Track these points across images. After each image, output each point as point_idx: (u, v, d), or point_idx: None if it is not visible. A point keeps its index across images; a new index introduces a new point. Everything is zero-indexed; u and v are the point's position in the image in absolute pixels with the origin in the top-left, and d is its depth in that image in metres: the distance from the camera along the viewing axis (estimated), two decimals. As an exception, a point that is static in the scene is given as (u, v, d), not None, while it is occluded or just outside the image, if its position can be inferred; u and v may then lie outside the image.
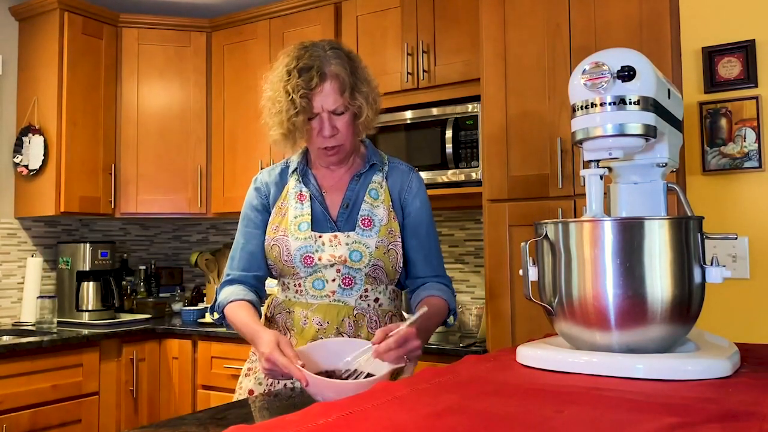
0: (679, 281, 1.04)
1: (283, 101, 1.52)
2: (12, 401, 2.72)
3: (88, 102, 3.48)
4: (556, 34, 2.42)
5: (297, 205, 1.62)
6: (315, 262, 1.56)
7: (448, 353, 2.57)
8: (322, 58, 1.53)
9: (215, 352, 3.18)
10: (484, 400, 0.87)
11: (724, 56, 2.07)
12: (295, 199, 1.63)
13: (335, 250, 1.56)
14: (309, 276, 1.58)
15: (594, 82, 1.12)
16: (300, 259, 1.56)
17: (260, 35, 3.58)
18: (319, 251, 1.56)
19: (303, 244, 1.57)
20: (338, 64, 1.53)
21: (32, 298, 3.35)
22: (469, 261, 3.26)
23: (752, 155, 2.02)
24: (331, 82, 1.52)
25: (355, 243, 1.56)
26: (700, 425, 0.72)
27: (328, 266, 1.56)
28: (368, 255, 1.56)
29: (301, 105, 1.50)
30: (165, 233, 4.33)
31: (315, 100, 1.52)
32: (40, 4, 3.42)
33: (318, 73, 1.51)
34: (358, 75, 1.57)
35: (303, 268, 1.57)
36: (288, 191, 1.66)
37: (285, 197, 1.65)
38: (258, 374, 1.64)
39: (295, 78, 1.51)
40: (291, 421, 0.77)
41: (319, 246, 1.56)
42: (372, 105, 1.59)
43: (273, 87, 1.57)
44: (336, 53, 1.56)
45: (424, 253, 1.66)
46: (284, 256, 1.58)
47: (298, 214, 1.61)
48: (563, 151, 2.37)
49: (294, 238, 1.58)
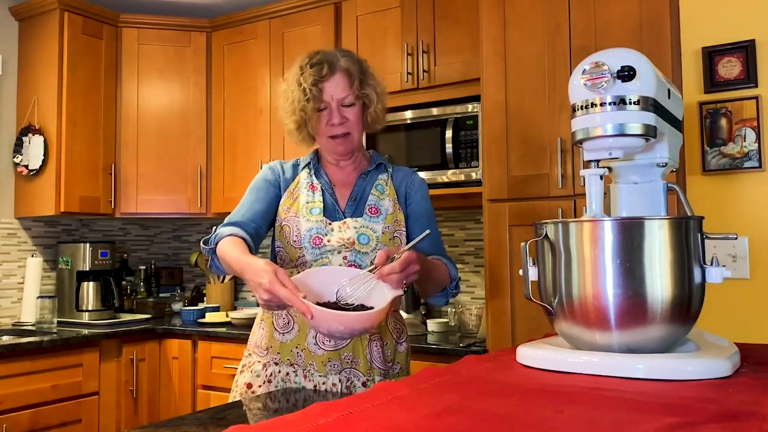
0: (679, 281, 1.04)
1: (295, 92, 1.63)
2: (12, 401, 2.72)
3: (88, 102, 3.48)
4: (556, 34, 2.42)
5: (308, 193, 1.69)
6: (324, 244, 1.60)
7: (448, 353, 2.57)
8: (333, 55, 1.66)
9: (215, 352, 3.18)
10: (484, 400, 0.87)
11: (724, 56, 2.07)
12: (306, 188, 1.70)
13: (344, 233, 1.62)
14: (315, 261, 1.61)
15: (594, 82, 1.12)
16: (309, 240, 1.61)
17: (260, 35, 3.58)
18: (329, 234, 1.61)
19: (314, 225, 1.62)
20: (348, 61, 1.66)
21: (32, 298, 3.35)
22: (469, 261, 3.26)
23: (752, 155, 2.02)
24: (340, 73, 1.63)
25: (363, 227, 1.63)
26: (700, 425, 0.72)
27: (335, 252, 1.60)
28: (375, 239, 1.62)
29: (311, 93, 1.60)
30: (165, 233, 4.33)
31: (325, 90, 1.62)
32: (40, 4, 3.42)
33: (329, 64, 1.62)
34: (366, 72, 1.69)
35: (311, 249, 1.61)
36: (300, 181, 1.73)
37: (297, 185, 1.72)
38: (254, 367, 1.66)
39: (308, 70, 1.62)
40: (291, 421, 0.77)
41: (328, 230, 1.62)
42: (381, 97, 1.70)
43: (287, 83, 1.68)
44: (346, 53, 1.69)
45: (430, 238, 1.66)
46: (293, 236, 1.63)
47: (310, 200, 1.67)
48: (563, 151, 2.37)
49: (305, 220, 1.63)
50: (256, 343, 1.70)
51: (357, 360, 1.60)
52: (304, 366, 1.61)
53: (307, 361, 1.61)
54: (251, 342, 1.73)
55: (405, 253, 1.40)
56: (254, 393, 1.62)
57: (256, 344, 1.70)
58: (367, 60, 1.75)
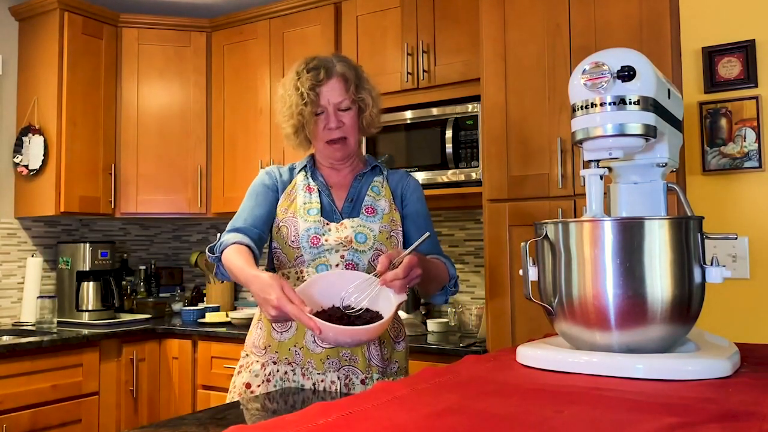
0: (679, 281, 1.04)
1: (293, 96, 1.66)
2: (12, 401, 2.72)
3: (88, 102, 3.48)
4: (556, 34, 2.42)
5: (306, 195, 1.71)
6: (321, 243, 1.62)
7: (448, 353, 2.57)
8: (329, 60, 1.70)
9: (215, 352, 3.18)
10: (484, 400, 0.87)
11: (724, 56, 2.07)
12: (303, 189, 1.72)
13: (341, 233, 1.63)
14: (313, 261, 1.62)
15: (594, 82, 1.12)
16: (307, 239, 1.62)
17: (260, 35, 3.58)
18: (326, 234, 1.63)
19: (311, 225, 1.64)
20: (344, 66, 1.69)
21: (32, 298, 3.35)
22: (469, 261, 3.26)
23: (752, 155, 2.02)
24: (337, 78, 1.67)
25: (360, 226, 1.65)
26: (700, 425, 0.72)
27: (333, 251, 1.62)
28: (372, 238, 1.64)
29: (309, 97, 1.63)
30: (165, 233, 4.33)
31: (322, 94, 1.65)
32: (40, 4, 3.42)
33: (325, 69, 1.66)
34: (361, 77, 1.73)
35: (308, 249, 1.62)
36: (296, 183, 1.75)
37: (293, 187, 1.74)
38: (252, 367, 1.66)
39: (305, 75, 1.66)
40: (291, 421, 0.77)
41: (326, 230, 1.64)
42: (375, 101, 1.74)
43: (284, 87, 1.71)
44: (341, 59, 1.73)
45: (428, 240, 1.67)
46: (291, 236, 1.64)
47: (307, 201, 1.69)
48: (563, 151, 2.37)
49: (303, 220, 1.65)
50: (254, 343, 1.71)
51: (355, 358, 1.61)
52: (303, 364, 1.62)
53: (305, 359, 1.61)
54: (248, 342, 1.74)
55: (407, 257, 1.41)
56: (253, 393, 1.63)
57: (253, 344, 1.71)
58: (367, 60, 1.78)
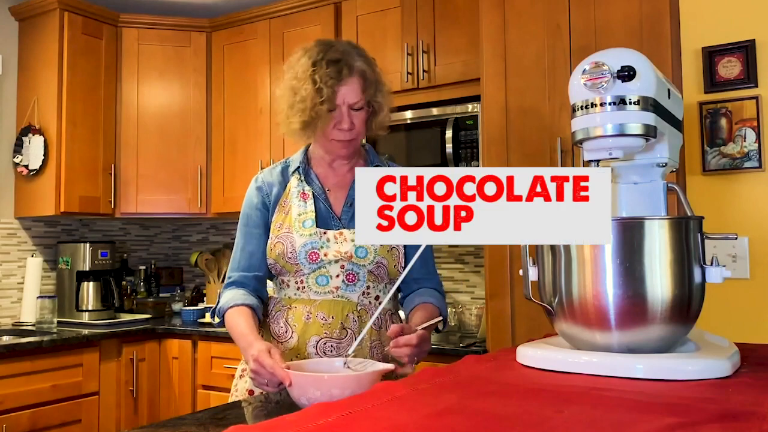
0: (679, 281, 1.04)
1: (309, 89, 1.54)
2: (12, 401, 2.72)
3: (88, 102, 3.48)
4: (556, 34, 2.42)
5: (300, 203, 1.63)
6: (321, 258, 1.57)
7: (448, 353, 2.57)
8: (349, 53, 1.58)
9: (215, 352, 3.18)
10: (484, 400, 0.87)
11: (724, 56, 2.07)
12: (298, 197, 1.64)
13: (341, 246, 1.58)
14: (312, 272, 1.58)
15: (594, 82, 1.12)
16: (305, 256, 1.57)
17: (260, 35, 3.58)
18: (325, 247, 1.57)
19: (308, 240, 1.57)
20: (363, 62, 1.59)
21: (32, 298, 3.35)
22: (469, 261, 3.26)
23: (752, 155, 2.02)
24: (357, 77, 1.56)
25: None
26: (700, 425, 0.72)
27: (333, 262, 1.57)
28: (373, 252, 1.58)
29: (327, 95, 1.53)
30: (165, 233, 4.33)
31: (339, 93, 1.55)
32: (40, 4, 3.42)
33: (347, 66, 1.55)
34: (378, 75, 1.63)
35: (307, 264, 1.57)
36: (290, 190, 1.67)
37: (287, 195, 1.66)
38: None
39: (324, 68, 1.54)
40: (291, 421, 0.77)
41: (324, 242, 1.58)
42: (388, 102, 1.66)
43: (297, 76, 1.58)
44: (359, 51, 1.61)
45: (423, 255, 1.65)
46: (288, 253, 1.58)
47: (302, 212, 1.62)
48: (563, 151, 2.37)
49: (299, 235, 1.59)
50: None
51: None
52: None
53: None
54: None
55: (420, 332, 1.40)
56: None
57: None
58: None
